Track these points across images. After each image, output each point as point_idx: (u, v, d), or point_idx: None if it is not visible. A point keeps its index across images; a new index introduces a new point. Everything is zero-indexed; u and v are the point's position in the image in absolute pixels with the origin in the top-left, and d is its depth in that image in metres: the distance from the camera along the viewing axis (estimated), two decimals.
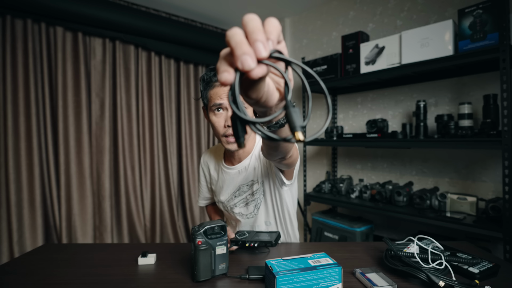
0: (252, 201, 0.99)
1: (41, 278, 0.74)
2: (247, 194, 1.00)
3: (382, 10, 2.08)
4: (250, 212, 1.01)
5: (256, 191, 0.98)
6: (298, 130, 0.30)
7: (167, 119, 2.67)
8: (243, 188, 1.00)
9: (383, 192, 1.76)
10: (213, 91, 0.90)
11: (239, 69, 0.27)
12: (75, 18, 2.04)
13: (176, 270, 0.77)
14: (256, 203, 0.99)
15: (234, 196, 1.02)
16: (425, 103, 1.66)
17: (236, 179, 1.01)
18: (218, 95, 0.89)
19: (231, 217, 1.10)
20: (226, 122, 0.89)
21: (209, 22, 2.83)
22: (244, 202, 1.01)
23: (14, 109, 1.96)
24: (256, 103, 0.35)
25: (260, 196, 0.99)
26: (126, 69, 2.44)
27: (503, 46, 1.27)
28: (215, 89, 0.90)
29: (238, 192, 1.01)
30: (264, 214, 1.01)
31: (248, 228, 1.05)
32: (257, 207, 1.00)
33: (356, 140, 1.87)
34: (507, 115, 1.26)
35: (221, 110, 0.90)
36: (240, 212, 1.03)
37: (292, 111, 0.31)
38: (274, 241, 0.84)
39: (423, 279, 0.63)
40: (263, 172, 0.96)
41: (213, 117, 0.91)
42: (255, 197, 0.99)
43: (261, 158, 0.97)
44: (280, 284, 0.58)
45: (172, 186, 2.67)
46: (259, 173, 0.97)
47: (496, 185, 1.59)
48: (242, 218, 1.04)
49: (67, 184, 2.15)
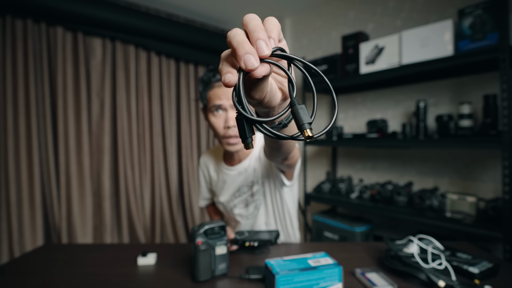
0: (252, 202, 0.99)
1: (41, 278, 0.74)
2: (247, 195, 1.00)
3: (382, 10, 2.08)
4: (250, 213, 1.01)
5: (256, 192, 0.98)
6: (306, 128, 0.30)
7: (167, 119, 2.67)
8: (243, 189, 1.00)
9: (383, 192, 1.76)
10: (212, 92, 0.89)
11: (242, 69, 0.27)
12: (75, 18, 2.04)
13: (176, 270, 0.77)
14: (256, 204, 0.99)
15: (234, 197, 1.02)
16: (425, 103, 1.66)
17: (236, 180, 1.00)
18: (217, 96, 0.88)
19: (231, 218, 1.10)
20: (226, 123, 0.88)
21: (209, 22, 2.83)
22: (244, 203, 1.01)
23: (14, 109, 1.96)
24: (259, 103, 0.34)
25: (260, 197, 0.99)
26: (126, 69, 2.44)
27: (503, 46, 1.27)
28: (214, 90, 0.89)
29: (238, 193, 1.01)
30: (264, 214, 1.01)
31: (248, 229, 1.05)
32: (257, 208, 1.00)
33: (356, 140, 1.87)
34: (507, 115, 1.26)
35: (221, 111, 0.89)
36: (240, 213, 1.03)
37: (298, 108, 0.31)
38: (274, 239, 0.84)
39: (423, 279, 0.63)
40: (263, 173, 0.96)
41: (213, 118, 0.90)
42: (255, 198, 0.99)
43: (262, 159, 0.96)
44: (280, 284, 0.58)
45: (172, 186, 2.67)
46: (259, 174, 0.97)
47: (496, 185, 1.59)
48: (242, 219, 1.04)
49: (67, 184, 2.15)
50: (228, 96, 0.87)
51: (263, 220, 1.02)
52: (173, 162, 2.73)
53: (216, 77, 0.89)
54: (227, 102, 0.87)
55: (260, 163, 0.97)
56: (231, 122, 0.86)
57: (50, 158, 2.10)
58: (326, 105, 2.47)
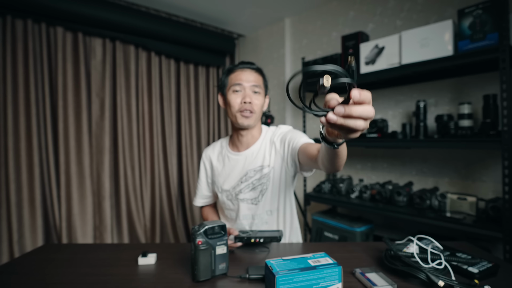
0: (259, 185, 1.04)
1: (41, 278, 0.74)
2: (254, 179, 1.04)
3: (382, 10, 2.08)
4: (255, 197, 1.04)
5: (264, 176, 1.03)
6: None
7: (167, 119, 2.67)
8: (250, 173, 1.05)
9: (383, 192, 1.76)
10: (234, 74, 1.01)
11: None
12: (75, 18, 2.04)
13: (176, 270, 0.77)
14: (262, 188, 1.03)
15: (241, 182, 1.05)
16: (425, 103, 1.66)
17: (244, 164, 1.06)
18: (238, 77, 1.00)
19: (231, 211, 1.11)
20: (243, 99, 0.99)
21: (209, 22, 2.83)
22: (250, 187, 1.05)
23: (14, 109, 1.96)
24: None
25: (267, 182, 1.03)
26: (126, 69, 2.44)
27: (503, 46, 1.27)
28: (236, 72, 1.01)
29: (245, 178, 1.05)
30: (269, 201, 1.04)
31: (249, 218, 1.07)
32: (262, 192, 1.04)
33: (356, 140, 1.87)
34: (507, 115, 1.26)
35: (240, 90, 1.01)
36: (245, 197, 1.05)
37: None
38: (279, 237, 0.86)
39: (422, 279, 0.63)
40: (276, 160, 1.03)
41: (231, 95, 1.01)
42: (262, 181, 1.03)
43: (277, 148, 1.03)
44: (280, 284, 0.58)
45: (172, 186, 2.67)
46: (271, 160, 1.03)
47: (496, 185, 1.59)
48: (246, 204, 1.06)
49: (67, 184, 2.15)
50: (248, 79, 1.00)
51: (267, 208, 1.04)
52: (173, 162, 2.73)
53: (238, 65, 1.02)
54: (246, 83, 1.00)
55: (274, 150, 1.04)
56: (247, 98, 0.98)
57: (50, 158, 2.10)
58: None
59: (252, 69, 1.03)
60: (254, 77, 1.02)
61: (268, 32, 2.90)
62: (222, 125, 3.16)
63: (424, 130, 1.65)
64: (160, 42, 2.49)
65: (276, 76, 2.80)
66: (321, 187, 2.16)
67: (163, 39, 2.48)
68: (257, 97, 1.02)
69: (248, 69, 1.02)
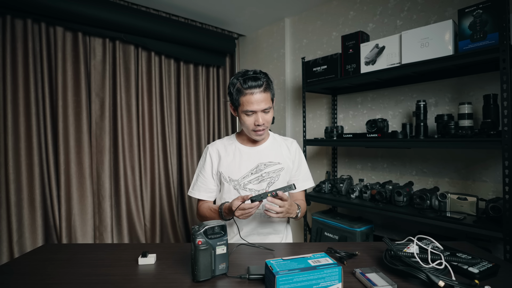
0: (268, 178, 1.14)
1: (41, 278, 0.74)
2: (263, 172, 1.14)
3: (382, 10, 2.08)
4: (262, 188, 1.13)
5: (274, 171, 1.14)
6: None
7: (167, 119, 2.67)
8: (260, 166, 1.15)
9: (383, 192, 1.76)
10: (245, 98, 1.04)
11: None
12: (75, 18, 2.04)
13: (176, 270, 0.77)
14: (270, 182, 1.13)
15: (250, 173, 1.14)
16: (425, 103, 1.66)
17: (256, 157, 1.16)
18: (249, 103, 1.04)
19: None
20: (256, 121, 1.06)
21: (209, 22, 2.83)
22: (259, 180, 1.13)
23: (14, 109, 1.96)
24: None
25: (276, 176, 1.14)
26: (126, 69, 2.44)
27: (503, 46, 1.26)
28: (247, 97, 1.04)
29: (255, 170, 1.14)
30: None
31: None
32: (269, 185, 1.13)
33: (356, 140, 1.87)
34: (507, 115, 1.26)
35: (252, 114, 1.07)
36: (252, 188, 1.14)
37: None
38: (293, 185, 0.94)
39: (423, 279, 0.63)
40: (286, 162, 1.17)
41: (245, 117, 1.07)
42: (271, 175, 1.14)
43: (291, 152, 1.21)
44: (280, 284, 0.58)
45: (172, 186, 2.67)
46: (281, 159, 1.17)
47: (496, 185, 1.59)
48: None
49: (67, 184, 2.15)
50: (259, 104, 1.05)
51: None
52: (173, 162, 2.73)
53: (247, 84, 1.04)
54: (257, 107, 1.05)
55: (288, 155, 1.20)
56: (260, 120, 1.06)
57: (50, 158, 2.10)
58: (327, 105, 2.47)
59: (260, 89, 1.04)
60: (264, 98, 1.05)
61: (268, 32, 2.90)
62: (222, 125, 3.16)
63: (424, 130, 1.64)
64: (160, 42, 2.49)
65: (276, 76, 2.80)
66: (321, 187, 2.16)
67: (163, 39, 2.48)
68: (268, 114, 1.08)
69: (258, 93, 1.03)
